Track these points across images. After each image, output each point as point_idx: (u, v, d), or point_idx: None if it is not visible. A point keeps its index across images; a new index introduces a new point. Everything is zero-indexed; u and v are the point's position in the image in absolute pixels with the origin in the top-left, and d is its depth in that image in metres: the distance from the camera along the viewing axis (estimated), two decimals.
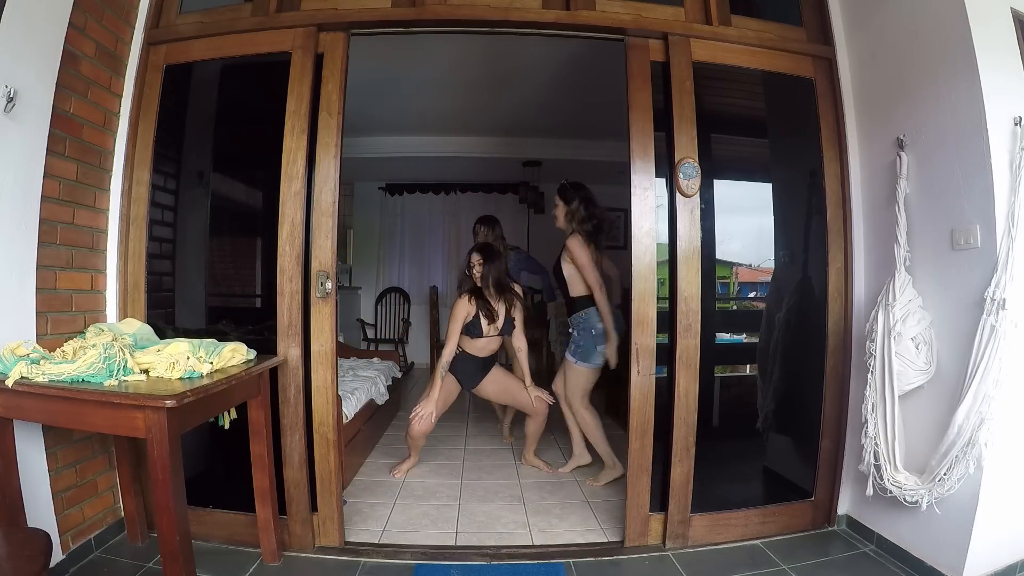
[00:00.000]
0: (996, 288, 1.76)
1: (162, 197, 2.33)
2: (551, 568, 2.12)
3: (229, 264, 2.58)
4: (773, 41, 2.39)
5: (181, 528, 1.57)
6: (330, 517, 2.24)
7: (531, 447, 3.22)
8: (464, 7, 2.27)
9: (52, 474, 1.94)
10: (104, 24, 2.14)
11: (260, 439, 2.04)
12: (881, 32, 2.27)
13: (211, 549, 2.15)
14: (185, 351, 1.80)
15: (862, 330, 2.27)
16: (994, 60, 1.85)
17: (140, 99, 2.27)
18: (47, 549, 1.37)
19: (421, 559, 2.17)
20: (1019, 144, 1.79)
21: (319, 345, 2.19)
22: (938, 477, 1.87)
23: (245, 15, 2.29)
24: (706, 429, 2.29)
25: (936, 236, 2.02)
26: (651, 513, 2.29)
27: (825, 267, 2.40)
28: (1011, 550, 1.96)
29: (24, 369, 1.62)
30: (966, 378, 1.81)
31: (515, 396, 3.13)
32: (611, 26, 2.27)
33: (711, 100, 2.42)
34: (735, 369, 2.75)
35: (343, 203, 2.41)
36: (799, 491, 2.47)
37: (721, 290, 2.80)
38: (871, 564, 2.15)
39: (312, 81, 2.19)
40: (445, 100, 4.39)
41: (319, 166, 2.18)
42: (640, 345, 2.23)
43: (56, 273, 1.99)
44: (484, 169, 6.12)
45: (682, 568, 2.14)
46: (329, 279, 2.18)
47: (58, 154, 1.97)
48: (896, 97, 2.19)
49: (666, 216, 2.29)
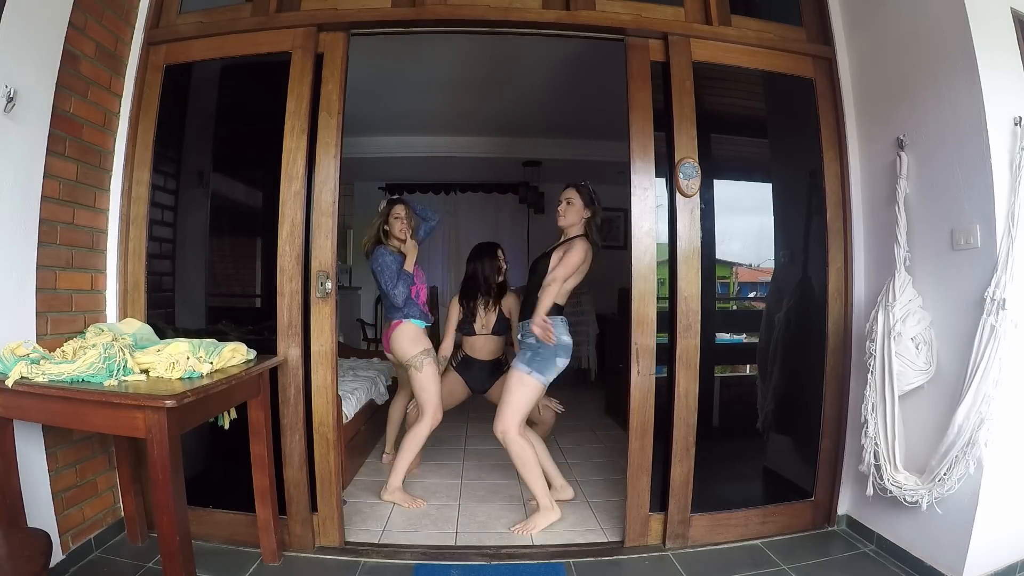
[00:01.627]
0: (996, 288, 1.76)
1: (162, 197, 2.33)
2: (551, 568, 2.12)
3: (229, 264, 2.58)
4: (773, 41, 2.39)
5: (181, 528, 1.57)
6: (330, 517, 2.24)
7: None
8: (464, 7, 2.27)
9: (52, 474, 1.94)
10: (104, 24, 2.14)
11: (260, 439, 2.04)
12: (881, 32, 2.27)
13: (211, 549, 2.14)
14: (185, 351, 1.80)
15: (862, 330, 2.27)
16: (994, 60, 1.85)
17: (140, 99, 2.27)
18: (47, 549, 1.37)
19: (421, 559, 2.17)
20: (1019, 144, 1.79)
21: (319, 345, 2.19)
22: (938, 477, 1.87)
23: (245, 15, 2.29)
24: (706, 429, 2.29)
25: (936, 236, 2.02)
26: (651, 513, 2.29)
27: (825, 267, 2.40)
28: (1011, 550, 1.96)
29: (24, 369, 1.62)
30: (966, 378, 1.81)
31: None
32: (611, 26, 2.27)
33: (711, 100, 2.42)
34: (735, 369, 2.75)
35: (343, 203, 2.40)
36: (799, 491, 2.46)
37: (721, 290, 2.80)
38: (871, 564, 2.15)
39: (312, 81, 2.19)
40: (445, 100, 4.38)
41: (319, 166, 2.18)
42: (640, 345, 2.23)
43: (56, 273, 1.99)
44: (484, 169, 6.11)
45: (682, 568, 2.14)
46: (329, 279, 2.18)
47: (58, 154, 1.97)
48: (896, 97, 2.19)
49: (666, 216, 2.29)
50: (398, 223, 2.78)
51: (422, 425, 2.71)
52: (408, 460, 2.73)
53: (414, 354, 2.71)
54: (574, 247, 2.47)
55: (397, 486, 2.68)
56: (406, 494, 2.69)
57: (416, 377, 2.72)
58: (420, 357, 2.70)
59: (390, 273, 2.69)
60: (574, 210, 2.53)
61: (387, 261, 2.71)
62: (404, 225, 2.79)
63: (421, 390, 2.73)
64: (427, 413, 2.71)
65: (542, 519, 2.44)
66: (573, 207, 2.53)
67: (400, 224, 2.78)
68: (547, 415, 2.99)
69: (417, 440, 2.71)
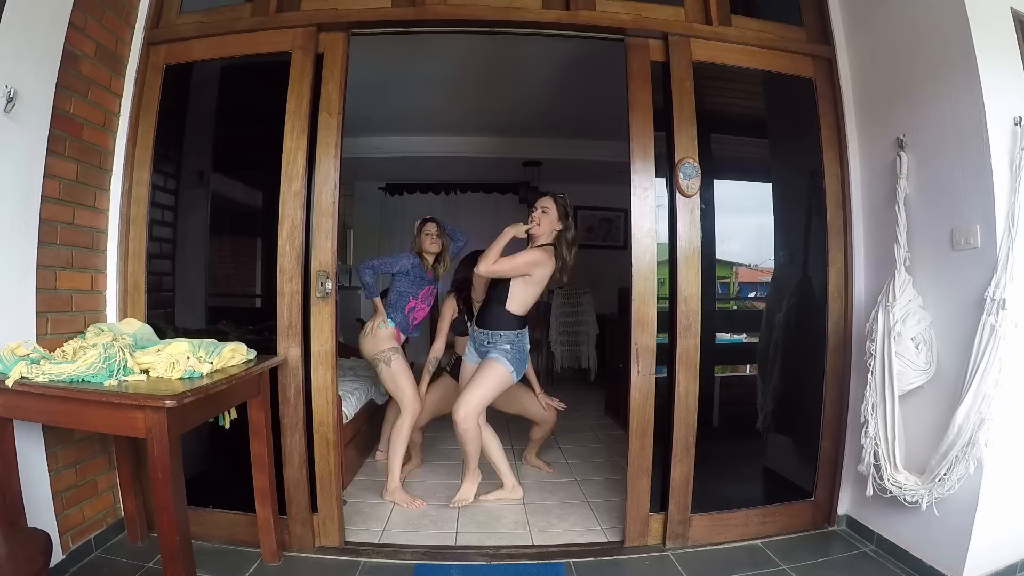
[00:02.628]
0: (996, 288, 1.76)
1: (162, 197, 2.33)
2: (551, 568, 2.12)
3: (229, 264, 2.58)
4: (773, 41, 2.39)
5: (181, 528, 1.57)
6: (330, 517, 2.24)
7: (533, 449, 3.22)
8: (464, 7, 2.27)
9: (52, 474, 1.94)
10: (104, 24, 2.13)
11: (260, 439, 2.04)
12: (881, 32, 2.27)
13: (211, 549, 2.14)
14: (185, 351, 1.79)
15: (862, 330, 2.27)
16: (994, 60, 1.85)
17: (140, 99, 2.27)
18: (47, 549, 1.37)
19: (421, 559, 2.17)
20: (1019, 144, 1.79)
21: (319, 345, 2.19)
22: (938, 477, 1.87)
23: (245, 15, 2.29)
24: (706, 429, 2.29)
25: (936, 236, 2.02)
26: (651, 513, 2.29)
27: (825, 267, 2.40)
28: (1011, 550, 1.96)
29: (24, 369, 1.62)
30: (966, 378, 1.81)
31: (524, 404, 3.10)
32: (611, 26, 2.27)
33: (711, 100, 2.42)
34: (735, 369, 2.75)
35: (343, 203, 2.40)
36: (799, 491, 2.46)
37: (721, 290, 2.80)
38: (871, 564, 2.15)
39: (312, 81, 2.19)
40: (445, 100, 4.38)
41: (319, 166, 2.18)
42: (640, 345, 2.23)
43: (56, 273, 1.99)
44: (484, 169, 6.11)
45: (682, 568, 2.14)
46: (329, 279, 2.18)
47: (58, 154, 1.97)
48: (896, 97, 2.19)
49: (666, 216, 2.29)
50: (428, 239, 2.89)
51: (403, 419, 2.72)
52: (398, 457, 2.73)
53: (380, 350, 2.73)
54: (529, 251, 2.50)
55: (396, 486, 2.69)
56: (406, 494, 2.69)
57: (385, 372, 2.74)
58: (387, 352, 2.72)
59: (390, 261, 2.80)
60: (548, 220, 2.52)
61: (400, 259, 2.81)
62: (434, 241, 2.89)
63: (393, 385, 2.76)
64: (405, 406, 2.73)
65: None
66: (548, 217, 2.52)
67: (430, 240, 2.89)
68: (550, 414, 3.00)
69: (402, 435, 2.72)
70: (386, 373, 2.74)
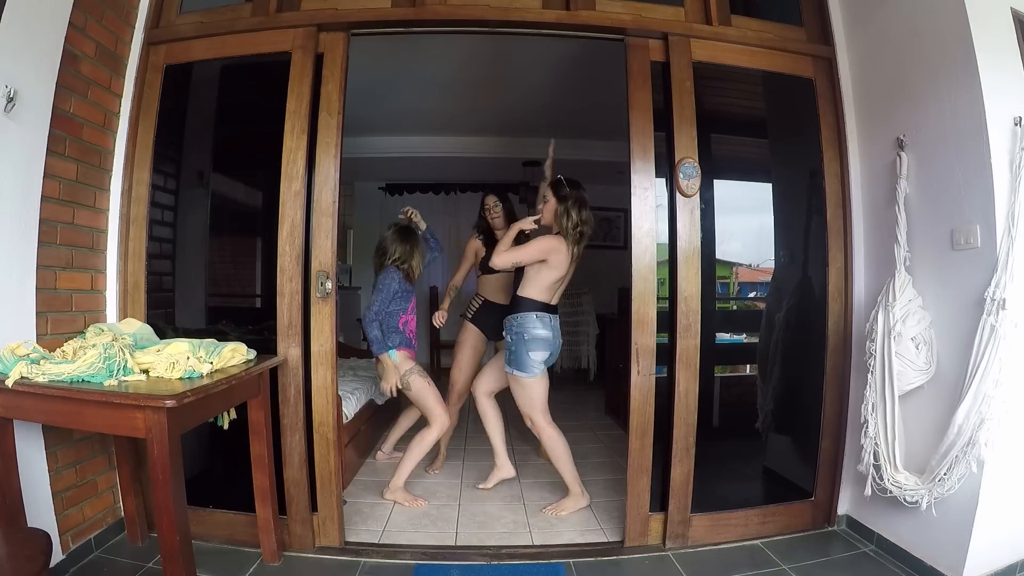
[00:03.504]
0: (996, 288, 1.76)
1: (162, 197, 2.33)
2: (551, 568, 2.12)
3: (229, 264, 2.58)
4: (773, 41, 2.39)
5: (181, 528, 1.57)
6: (330, 517, 2.24)
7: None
8: (464, 7, 2.27)
9: (52, 474, 1.94)
10: (104, 24, 2.13)
11: (260, 439, 2.04)
12: (881, 32, 2.27)
13: (211, 549, 2.14)
14: (185, 351, 1.80)
15: (862, 330, 2.27)
16: (994, 60, 1.85)
17: (140, 99, 2.27)
18: (47, 549, 1.37)
19: (421, 559, 2.17)
20: (1019, 144, 1.79)
21: (319, 345, 2.19)
22: (938, 477, 1.87)
23: (245, 15, 2.29)
24: (706, 429, 2.29)
25: (936, 236, 2.02)
26: (651, 513, 2.29)
27: (825, 267, 2.40)
28: (1011, 550, 1.96)
29: (24, 369, 1.62)
30: (966, 378, 1.81)
31: None
32: (611, 26, 2.27)
33: (711, 100, 2.42)
34: (735, 369, 2.75)
35: (343, 203, 2.40)
36: (799, 491, 2.46)
37: (721, 290, 2.80)
38: (871, 564, 2.15)
39: (312, 81, 2.19)
40: (445, 100, 4.38)
41: (319, 166, 2.18)
42: (640, 345, 2.23)
43: (56, 273, 1.99)
44: (484, 169, 6.11)
45: (682, 568, 2.14)
46: (329, 279, 2.18)
47: (58, 154, 1.97)
48: (896, 97, 2.19)
49: (666, 216, 2.29)
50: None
51: (432, 430, 2.75)
52: (414, 461, 2.75)
53: (399, 376, 2.76)
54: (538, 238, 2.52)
55: (399, 485, 2.70)
56: (408, 493, 2.70)
57: (410, 395, 2.81)
58: (406, 375, 2.75)
59: (385, 297, 2.72)
60: (549, 208, 2.54)
61: (392, 286, 2.74)
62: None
63: (421, 403, 2.81)
64: (434, 420, 2.75)
65: (570, 503, 2.61)
66: (549, 204, 2.54)
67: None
68: None
69: (425, 444, 2.74)
70: (411, 395, 2.81)
